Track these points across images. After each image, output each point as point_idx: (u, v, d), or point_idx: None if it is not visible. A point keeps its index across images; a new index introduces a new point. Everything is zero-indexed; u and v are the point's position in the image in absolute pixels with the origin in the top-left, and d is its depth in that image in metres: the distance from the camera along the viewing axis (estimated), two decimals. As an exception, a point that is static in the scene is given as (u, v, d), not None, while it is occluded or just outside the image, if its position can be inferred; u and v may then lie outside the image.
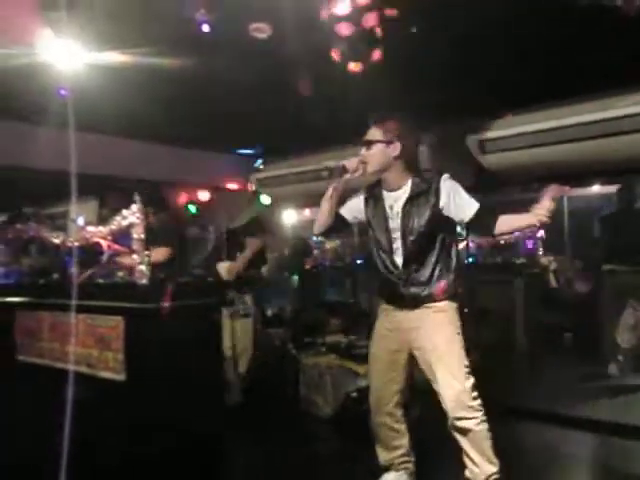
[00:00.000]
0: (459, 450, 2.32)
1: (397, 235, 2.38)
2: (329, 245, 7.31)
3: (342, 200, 2.53)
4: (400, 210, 2.37)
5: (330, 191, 2.44)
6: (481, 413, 2.26)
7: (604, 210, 5.16)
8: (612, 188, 6.11)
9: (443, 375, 2.28)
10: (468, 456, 2.28)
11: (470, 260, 5.96)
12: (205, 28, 2.35)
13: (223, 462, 2.77)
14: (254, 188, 6.04)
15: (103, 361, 2.66)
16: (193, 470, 2.56)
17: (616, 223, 4.77)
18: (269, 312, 5.10)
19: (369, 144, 2.35)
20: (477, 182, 4.03)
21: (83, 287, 2.95)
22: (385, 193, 2.43)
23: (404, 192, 2.38)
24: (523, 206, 2.30)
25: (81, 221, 3.36)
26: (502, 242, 6.34)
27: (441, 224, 2.36)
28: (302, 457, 3.29)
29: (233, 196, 5.86)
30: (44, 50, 2.32)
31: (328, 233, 2.63)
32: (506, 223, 2.28)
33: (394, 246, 2.38)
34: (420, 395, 3.06)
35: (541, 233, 6.37)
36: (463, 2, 2.59)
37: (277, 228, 6.72)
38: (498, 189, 5.26)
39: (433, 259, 2.35)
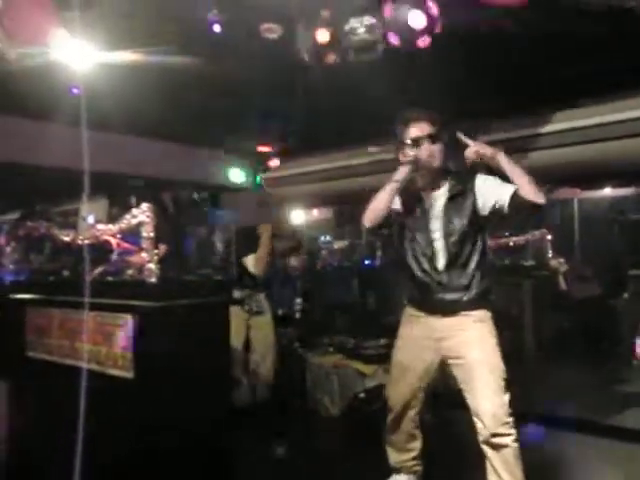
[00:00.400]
0: (477, 461, 2.27)
1: (438, 236, 2.30)
2: (337, 245, 7.32)
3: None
4: (441, 210, 2.31)
5: (395, 181, 2.30)
6: (515, 430, 2.20)
7: (628, 214, 5.04)
8: (624, 191, 6.08)
9: (483, 389, 2.20)
10: (497, 474, 2.19)
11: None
12: (216, 28, 2.36)
13: (229, 460, 2.77)
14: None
15: (112, 358, 2.68)
16: (199, 468, 2.57)
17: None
18: (279, 312, 5.10)
19: (434, 139, 2.29)
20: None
21: (93, 285, 2.98)
22: (423, 193, 2.37)
23: (443, 192, 2.33)
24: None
25: (91, 219, 3.40)
26: (511, 244, 6.30)
27: (481, 225, 2.31)
28: (308, 457, 3.29)
29: (240, 195, 5.89)
30: (58, 50, 2.33)
31: (380, 228, 2.43)
32: (519, 184, 2.15)
33: (435, 248, 2.30)
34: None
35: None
36: (470, 2, 2.58)
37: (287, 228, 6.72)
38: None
39: (474, 264, 2.28)
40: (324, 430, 3.78)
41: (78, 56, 2.38)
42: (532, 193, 2.12)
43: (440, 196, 2.34)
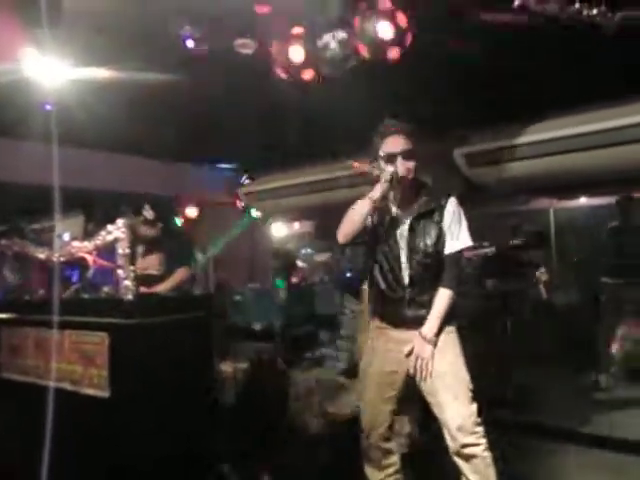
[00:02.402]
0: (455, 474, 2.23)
1: (404, 253, 2.28)
2: (319, 258, 7.30)
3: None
4: (407, 228, 2.29)
5: (370, 198, 2.23)
6: (486, 440, 2.18)
7: (609, 223, 5.07)
8: (598, 201, 6.20)
9: (448, 400, 2.18)
10: None
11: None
12: (190, 43, 2.35)
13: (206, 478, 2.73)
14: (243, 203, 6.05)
15: (87, 377, 2.63)
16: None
17: (620, 236, 4.74)
18: (257, 326, 5.07)
19: (411, 154, 2.25)
20: (463, 195, 4.06)
21: (68, 303, 2.93)
22: (394, 208, 2.34)
23: (414, 209, 2.30)
24: (509, 218, 2.30)
25: (67, 236, 3.34)
26: (489, 254, 6.34)
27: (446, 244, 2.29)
28: (291, 473, 3.26)
29: (220, 211, 5.87)
30: (28, 67, 2.30)
31: (354, 242, 2.37)
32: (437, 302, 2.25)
33: (401, 264, 2.29)
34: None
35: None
36: (453, 18, 2.63)
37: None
38: (485, 202, 5.29)
39: (439, 281, 2.26)
40: (307, 445, 3.73)
41: (49, 73, 2.35)
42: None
43: (410, 213, 2.32)
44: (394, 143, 2.28)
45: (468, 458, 2.17)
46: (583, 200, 6.61)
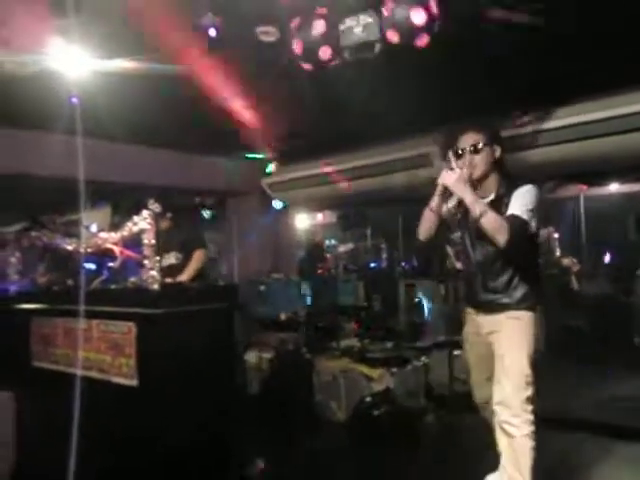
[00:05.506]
0: (483, 465, 2.32)
1: (474, 239, 2.41)
2: (342, 248, 7.29)
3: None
4: None
5: (430, 210, 2.41)
6: (530, 428, 2.21)
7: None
8: (630, 187, 6.01)
9: (499, 378, 2.29)
10: (502, 464, 2.25)
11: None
12: (212, 32, 2.34)
13: (235, 467, 2.75)
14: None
15: (116, 367, 2.67)
16: (204, 474, 2.55)
17: None
18: (282, 316, 5.08)
19: (477, 149, 2.34)
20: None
21: (96, 293, 2.98)
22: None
23: (490, 197, 2.38)
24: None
25: (94, 227, 3.40)
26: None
27: None
28: (315, 461, 3.27)
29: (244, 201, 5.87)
30: (54, 57, 2.32)
31: (434, 237, 2.52)
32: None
33: (475, 250, 2.42)
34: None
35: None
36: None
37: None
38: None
39: (512, 267, 2.34)
40: (331, 435, 3.74)
41: (75, 64, 2.36)
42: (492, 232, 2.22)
43: (486, 200, 2.37)
44: (465, 140, 2.38)
45: (507, 434, 2.23)
46: (614, 187, 6.42)
